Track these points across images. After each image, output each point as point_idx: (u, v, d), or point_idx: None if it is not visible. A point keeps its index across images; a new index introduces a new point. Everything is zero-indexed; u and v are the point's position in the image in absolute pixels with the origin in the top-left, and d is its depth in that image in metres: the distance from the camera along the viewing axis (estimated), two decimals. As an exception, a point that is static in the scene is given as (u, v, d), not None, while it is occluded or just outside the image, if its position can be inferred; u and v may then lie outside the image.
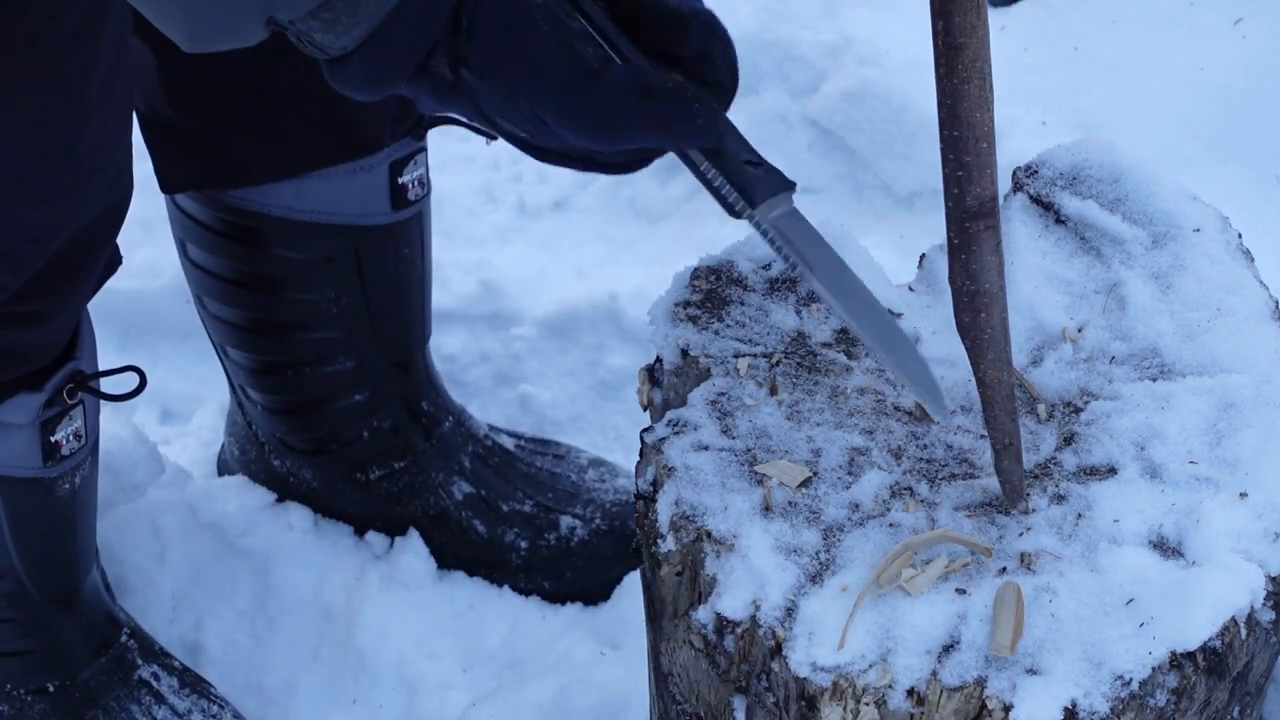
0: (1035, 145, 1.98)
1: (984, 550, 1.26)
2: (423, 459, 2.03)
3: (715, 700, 1.33)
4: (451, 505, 2.05)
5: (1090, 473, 1.34)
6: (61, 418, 1.67)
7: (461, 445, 2.06)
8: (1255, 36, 2.48)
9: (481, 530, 2.05)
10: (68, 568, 1.79)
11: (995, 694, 1.21)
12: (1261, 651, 1.29)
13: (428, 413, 2.03)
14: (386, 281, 1.91)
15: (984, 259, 1.26)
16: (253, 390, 2.00)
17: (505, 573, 2.06)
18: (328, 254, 1.86)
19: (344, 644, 1.97)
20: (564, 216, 2.67)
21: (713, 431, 1.37)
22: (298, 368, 1.94)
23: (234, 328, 1.94)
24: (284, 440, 2.03)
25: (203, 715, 1.88)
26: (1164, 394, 1.38)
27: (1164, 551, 1.28)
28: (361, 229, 1.85)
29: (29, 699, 1.82)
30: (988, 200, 1.24)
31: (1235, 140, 2.38)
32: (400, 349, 1.97)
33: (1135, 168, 1.53)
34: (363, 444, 2.01)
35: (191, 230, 1.88)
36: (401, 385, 1.99)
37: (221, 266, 1.89)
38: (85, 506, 1.76)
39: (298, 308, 1.89)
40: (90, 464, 1.73)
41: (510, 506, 2.06)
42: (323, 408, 1.98)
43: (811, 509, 1.32)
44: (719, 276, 1.50)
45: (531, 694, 1.87)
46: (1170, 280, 1.46)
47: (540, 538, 2.05)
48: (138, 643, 1.89)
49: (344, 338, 1.92)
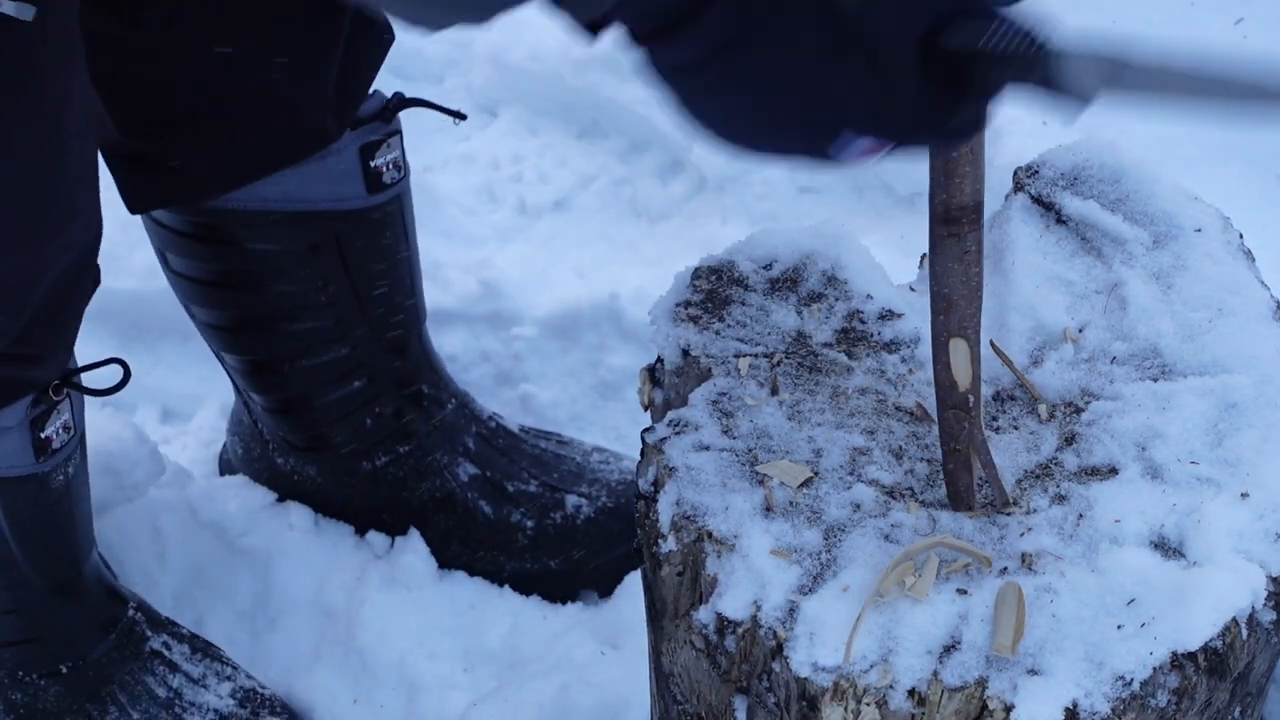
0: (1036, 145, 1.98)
1: (984, 560, 1.26)
2: (427, 442, 2.04)
3: (716, 700, 1.33)
4: (457, 487, 2.05)
5: (1091, 473, 1.34)
6: (50, 413, 1.68)
7: (465, 427, 2.06)
8: (1256, 36, 2.48)
9: (488, 511, 2.05)
10: (69, 555, 1.80)
11: (996, 694, 1.21)
12: (1262, 652, 1.29)
13: (429, 395, 2.03)
14: (371, 265, 1.91)
15: (946, 265, 1.26)
16: (251, 390, 2.01)
17: (511, 553, 2.05)
18: (308, 242, 1.86)
19: (345, 644, 1.97)
20: (565, 216, 2.67)
21: (714, 431, 1.37)
22: (293, 361, 1.94)
23: (224, 330, 1.94)
24: (287, 439, 2.04)
25: (217, 679, 1.90)
26: (1165, 394, 1.38)
27: (1165, 552, 1.28)
28: (339, 214, 1.85)
29: (43, 683, 1.83)
30: (954, 207, 1.24)
31: (1236, 140, 2.38)
32: (393, 332, 1.97)
33: (1136, 168, 1.53)
34: (366, 432, 2.01)
35: (169, 239, 1.88)
36: (399, 369, 2.00)
37: (202, 270, 1.89)
38: (79, 494, 1.77)
39: (284, 300, 1.90)
40: (80, 452, 1.75)
41: (516, 486, 2.06)
42: (322, 399, 1.98)
43: (813, 509, 1.32)
44: (720, 276, 1.50)
45: (532, 694, 1.87)
46: (1171, 280, 1.46)
47: (546, 517, 2.05)
48: (144, 615, 1.91)
49: (335, 325, 1.92)
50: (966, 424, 1.29)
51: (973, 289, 1.28)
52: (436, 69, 2.88)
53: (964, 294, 1.28)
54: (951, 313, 1.28)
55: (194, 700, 1.87)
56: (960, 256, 1.25)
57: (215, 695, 1.88)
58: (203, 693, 1.88)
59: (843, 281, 1.50)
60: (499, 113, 2.84)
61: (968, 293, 1.28)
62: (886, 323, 1.47)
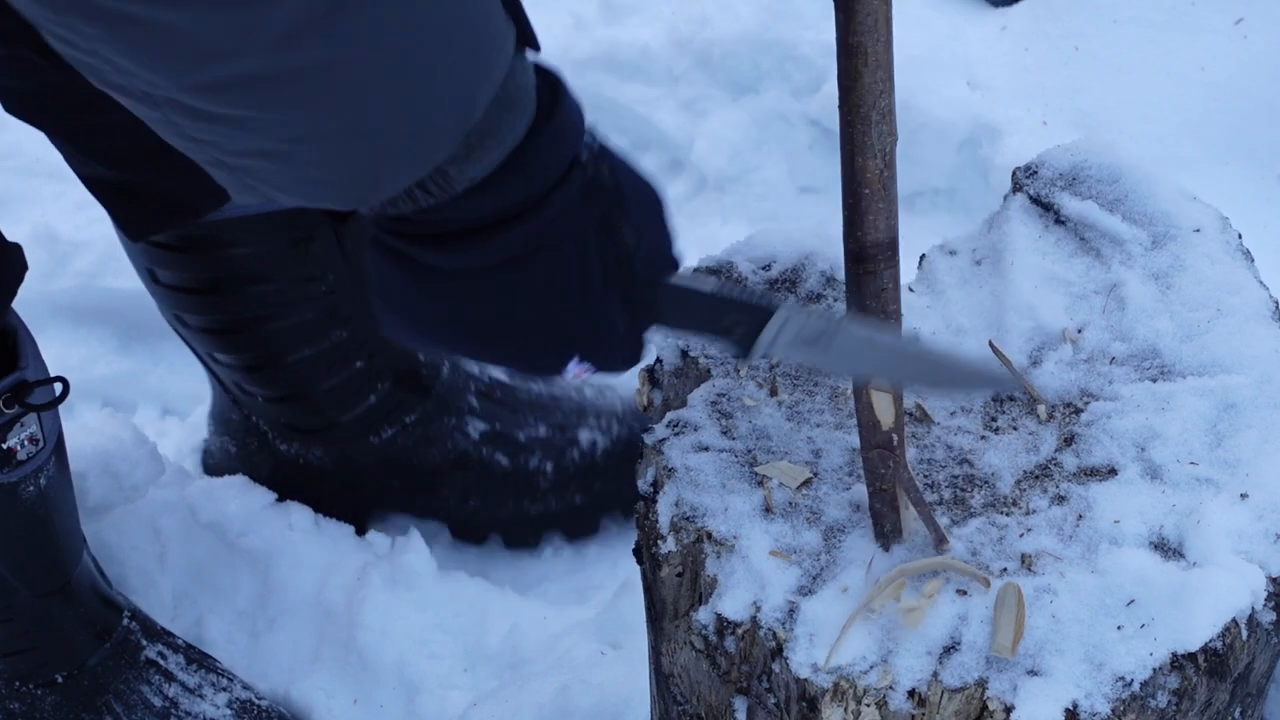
0: (1035, 145, 1.98)
1: (982, 580, 1.25)
2: (432, 407, 2.06)
3: (716, 701, 1.33)
4: (470, 445, 2.08)
5: (1090, 474, 1.34)
6: (11, 425, 1.66)
7: (464, 385, 2.09)
8: (1256, 36, 2.48)
9: (505, 463, 2.08)
10: (53, 563, 1.79)
11: (996, 695, 1.21)
12: (1262, 652, 1.29)
13: (425, 363, 2.06)
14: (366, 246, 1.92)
15: (862, 302, 1.23)
16: (251, 386, 2.01)
17: (535, 498, 2.09)
18: (307, 236, 1.87)
19: (345, 644, 1.97)
20: (565, 216, 2.67)
21: (713, 432, 1.37)
22: (295, 351, 1.96)
23: (221, 333, 1.94)
24: (292, 425, 2.04)
25: (213, 689, 1.89)
26: (1164, 395, 1.37)
27: (1165, 552, 1.28)
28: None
29: (40, 693, 1.83)
30: (868, 245, 1.21)
31: (1235, 140, 2.38)
32: None
33: (1135, 168, 1.53)
34: (370, 408, 2.03)
35: (159, 256, 1.88)
36: (397, 344, 2.02)
37: (198, 280, 1.89)
38: (58, 503, 1.75)
39: (284, 294, 1.91)
40: (55, 464, 1.72)
41: (527, 434, 2.09)
42: (326, 384, 2.00)
43: (812, 510, 1.32)
44: (719, 276, 1.50)
45: (532, 694, 1.87)
46: (1170, 281, 1.46)
47: (564, 457, 2.09)
48: (140, 624, 1.90)
49: (334, 311, 1.94)
50: (891, 463, 1.27)
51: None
52: (436, 69, 2.87)
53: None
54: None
55: (190, 710, 1.87)
56: (877, 294, 1.23)
57: (212, 705, 1.88)
58: (199, 702, 1.88)
59: (842, 282, 1.50)
60: (499, 112, 2.83)
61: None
62: (886, 323, 1.47)
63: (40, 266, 2.42)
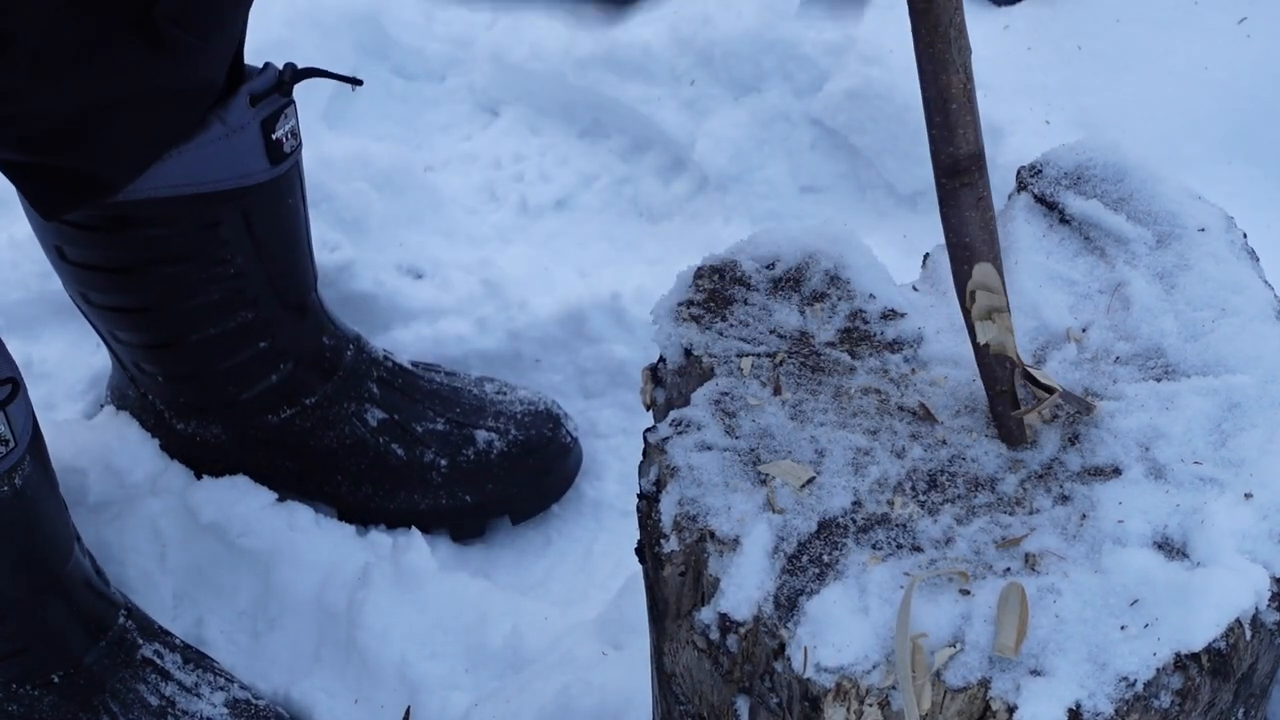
0: (1039, 144, 1.98)
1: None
2: (332, 390, 2.09)
3: (718, 701, 1.33)
4: (367, 432, 2.11)
5: (1094, 473, 1.34)
6: None
7: (366, 372, 2.12)
8: (1259, 35, 2.48)
9: (400, 453, 2.12)
10: (39, 561, 1.79)
11: (999, 695, 1.20)
12: (1266, 653, 1.29)
13: (330, 346, 2.09)
14: (276, 233, 1.95)
15: (962, 214, 1.29)
16: (150, 365, 2.03)
17: (426, 492, 2.12)
18: (215, 221, 1.89)
19: (345, 644, 1.97)
20: (566, 216, 2.67)
21: (716, 431, 1.37)
22: (199, 331, 1.98)
23: (127, 312, 1.96)
24: (190, 403, 2.07)
25: (210, 688, 1.89)
26: (1168, 394, 1.37)
27: (1168, 552, 1.28)
28: (245, 190, 1.88)
29: (36, 693, 1.82)
30: (962, 158, 1.27)
31: (1240, 139, 2.38)
32: (296, 294, 2.03)
33: (1139, 167, 1.53)
34: (272, 388, 2.06)
35: (68, 234, 1.89)
36: (301, 326, 2.05)
37: (108, 259, 1.91)
38: (37, 503, 1.74)
39: (191, 277, 1.92)
40: (31, 463, 1.71)
41: (424, 427, 2.13)
42: (226, 364, 2.02)
43: (815, 509, 1.31)
44: (722, 276, 1.50)
45: (534, 694, 1.86)
46: (1175, 280, 1.46)
47: (459, 454, 2.13)
48: (136, 623, 1.90)
49: (241, 293, 1.96)
50: (1008, 365, 1.32)
51: (991, 234, 1.31)
52: (438, 68, 2.87)
53: (984, 239, 1.30)
54: (976, 261, 1.30)
55: (187, 709, 1.86)
56: (976, 203, 1.29)
57: (209, 704, 1.88)
58: (196, 701, 1.87)
59: (845, 281, 1.50)
60: (500, 112, 2.84)
61: (988, 237, 1.31)
62: (889, 322, 1.47)
63: (40, 266, 2.42)
